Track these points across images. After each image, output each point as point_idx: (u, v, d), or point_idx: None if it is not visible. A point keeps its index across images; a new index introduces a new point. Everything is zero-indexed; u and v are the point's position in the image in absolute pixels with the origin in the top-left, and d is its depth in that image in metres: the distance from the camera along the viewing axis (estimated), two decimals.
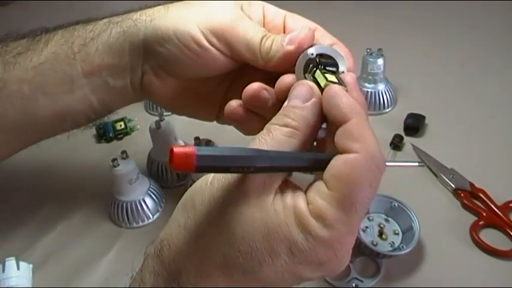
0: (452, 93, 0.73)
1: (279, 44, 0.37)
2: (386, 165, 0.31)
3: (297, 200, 0.29)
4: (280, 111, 0.32)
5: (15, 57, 0.42)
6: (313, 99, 0.32)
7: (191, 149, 0.26)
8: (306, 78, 0.35)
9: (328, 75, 0.33)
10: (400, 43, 0.83)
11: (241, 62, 0.40)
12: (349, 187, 0.28)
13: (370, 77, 0.68)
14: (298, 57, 0.36)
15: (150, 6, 0.43)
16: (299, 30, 0.36)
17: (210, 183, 0.31)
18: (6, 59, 0.42)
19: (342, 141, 0.29)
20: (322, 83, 0.33)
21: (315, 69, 0.35)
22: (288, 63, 0.36)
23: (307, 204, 0.29)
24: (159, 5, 0.43)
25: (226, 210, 0.29)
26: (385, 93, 0.69)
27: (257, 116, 0.38)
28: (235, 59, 0.40)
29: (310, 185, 0.31)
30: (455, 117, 0.68)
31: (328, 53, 0.35)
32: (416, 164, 0.33)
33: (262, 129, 0.32)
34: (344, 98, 0.31)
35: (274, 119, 0.32)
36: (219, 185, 0.30)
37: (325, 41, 0.38)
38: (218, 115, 0.45)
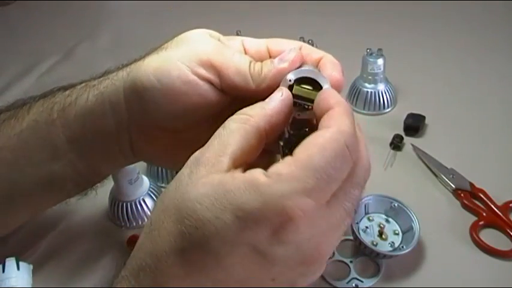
0: (452, 93, 0.73)
1: (269, 65, 0.36)
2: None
3: (250, 171, 0.29)
4: None
5: (0, 125, 0.42)
6: (276, 94, 0.32)
7: None
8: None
9: (307, 88, 0.33)
10: (400, 43, 0.83)
11: (230, 92, 0.38)
12: (311, 149, 0.28)
13: (370, 77, 0.68)
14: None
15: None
16: (288, 50, 0.36)
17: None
18: None
19: (321, 125, 0.30)
20: (308, 94, 0.33)
21: (293, 86, 0.34)
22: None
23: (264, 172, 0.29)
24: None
25: (175, 194, 0.29)
26: (385, 93, 0.69)
27: (266, 153, 0.35)
28: (224, 89, 0.37)
29: None
30: (455, 117, 0.68)
31: (308, 75, 0.34)
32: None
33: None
34: (336, 96, 0.31)
35: None
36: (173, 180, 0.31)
37: (313, 56, 0.37)
38: None
